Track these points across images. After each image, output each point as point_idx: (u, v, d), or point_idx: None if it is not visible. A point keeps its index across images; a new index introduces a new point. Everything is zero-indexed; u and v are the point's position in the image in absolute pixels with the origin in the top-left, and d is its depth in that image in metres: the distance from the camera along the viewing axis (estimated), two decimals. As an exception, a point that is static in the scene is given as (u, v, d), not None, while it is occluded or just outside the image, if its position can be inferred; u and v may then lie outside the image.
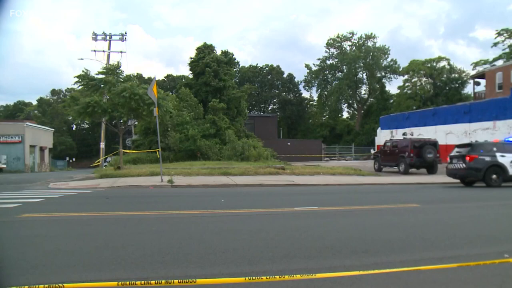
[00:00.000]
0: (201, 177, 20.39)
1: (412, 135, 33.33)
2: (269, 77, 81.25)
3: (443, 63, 70.55)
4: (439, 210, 10.78)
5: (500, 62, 58.76)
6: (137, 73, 70.97)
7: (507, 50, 62.90)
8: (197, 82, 43.06)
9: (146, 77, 70.32)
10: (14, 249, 6.04)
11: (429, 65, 69.64)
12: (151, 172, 21.12)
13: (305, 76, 79.47)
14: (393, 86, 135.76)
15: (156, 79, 24.77)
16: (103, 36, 38.10)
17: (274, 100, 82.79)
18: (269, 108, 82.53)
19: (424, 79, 70.74)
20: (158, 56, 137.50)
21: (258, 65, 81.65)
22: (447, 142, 33.32)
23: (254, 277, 4.33)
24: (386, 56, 75.14)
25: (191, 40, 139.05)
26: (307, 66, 78.87)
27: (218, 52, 45.84)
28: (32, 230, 7.68)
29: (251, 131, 45.15)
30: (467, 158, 17.72)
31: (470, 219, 9.34)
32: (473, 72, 63.21)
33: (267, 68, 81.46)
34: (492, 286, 4.59)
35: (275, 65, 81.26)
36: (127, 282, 4.02)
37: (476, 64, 67.46)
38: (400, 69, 73.26)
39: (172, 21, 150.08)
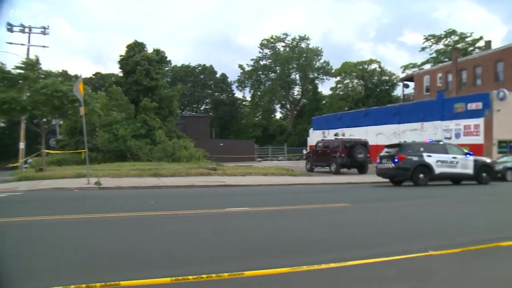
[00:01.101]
0: (130, 178, 19.84)
1: (343, 135, 34.40)
2: (201, 76, 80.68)
3: (374, 66, 73.69)
4: (369, 209, 11.20)
5: (427, 66, 62.46)
6: (62, 70, 67.66)
7: (434, 55, 66.99)
8: (127, 81, 41.83)
9: (73, 74, 67.30)
10: None
11: (360, 67, 72.38)
12: (77, 174, 20.21)
13: (238, 77, 79.84)
14: (325, 87, 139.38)
15: (83, 76, 23.76)
16: (21, 28, 35.91)
17: (207, 100, 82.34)
18: (202, 108, 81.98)
19: (356, 80, 73.41)
20: (85, 52, 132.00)
21: (190, 64, 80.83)
22: (377, 143, 34.75)
23: (180, 277, 4.27)
24: (319, 57, 77.23)
25: (121, 37, 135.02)
26: (240, 66, 79.30)
27: (150, 50, 44.85)
28: None
29: (183, 132, 44.59)
30: (396, 158, 18.56)
31: (398, 218, 9.75)
32: (402, 75, 66.73)
33: (199, 68, 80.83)
34: (417, 281, 4.77)
35: (208, 65, 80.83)
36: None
37: (405, 67, 71.21)
38: (333, 71, 75.46)
39: (100, 17, 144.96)
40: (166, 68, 57.99)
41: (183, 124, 49.61)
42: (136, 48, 43.39)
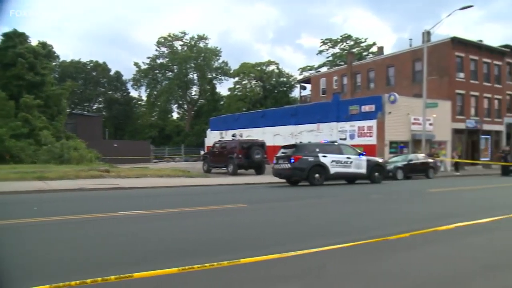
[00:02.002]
0: (10, 182, 18.24)
1: (241, 136, 34.82)
2: (94, 74, 76.98)
3: (272, 67, 75.78)
4: (266, 209, 11.43)
5: (324, 69, 65.61)
6: None
7: (331, 58, 70.60)
8: (5, 75, 38.41)
9: None
10: None
11: (259, 68, 73.99)
12: None
13: (133, 75, 77.35)
14: (224, 87, 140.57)
15: None
16: None
17: (100, 99, 78.83)
18: (94, 107, 78.26)
19: (254, 81, 74.91)
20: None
21: (81, 60, 76.75)
22: (274, 143, 35.56)
23: (61, 283, 4.01)
24: (218, 57, 77.72)
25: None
26: (136, 64, 76.95)
27: (34, 43, 41.71)
28: None
29: (74, 132, 42.11)
30: (292, 159, 19.09)
31: (294, 217, 10.07)
32: (300, 77, 69.36)
33: (91, 64, 77.03)
34: (310, 278, 4.93)
35: (101, 62, 77.39)
36: None
37: (303, 69, 74.13)
38: (231, 71, 76.35)
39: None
40: (54, 63, 54.55)
41: (73, 124, 46.96)
42: (16, 38, 40.04)
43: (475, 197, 15.55)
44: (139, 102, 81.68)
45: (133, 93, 79.92)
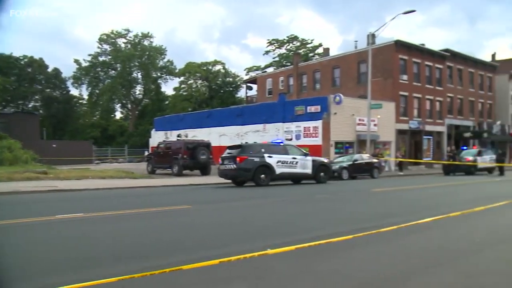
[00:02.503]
0: None
1: (186, 136, 34.53)
2: (29, 70, 73.42)
3: (218, 67, 75.65)
4: (210, 210, 11.35)
5: (270, 69, 66.12)
6: None
7: (277, 59, 71.27)
8: None
9: None
10: None
11: (205, 68, 73.64)
12: None
13: (74, 72, 74.38)
14: (169, 87, 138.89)
15: None
16: None
17: (36, 97, 75.36)
18: (30, 106, 74.65)
19: (200, 81, 74.51)
20: None
21: (13, 55, 72.78)
22: (220, 144, 35.47)
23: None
24: (163, 56, 76.57)
25: None
26: (76, 61, 74.15)
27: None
28: None
29: (7, 132, 40.13)
30: (238, 159, 19.11)
31: (239, 218, 10.04)
32: (246, 77, 69.60)
33: (26, 60, 73.42)
34: (255, 279, 4.92)
35: (37, 57, 73.91)
36: None
37: (249, 69, 74.44)
38: (176, 71, 75.51)
39: None
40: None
41: (6, 123, 44.72)
42: None
43: (417, 196, 16.12)
44: (80, 101, 78.87)
45: (74, 92, 77.14)
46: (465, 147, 35.90)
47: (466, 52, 56.57)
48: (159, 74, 77.14)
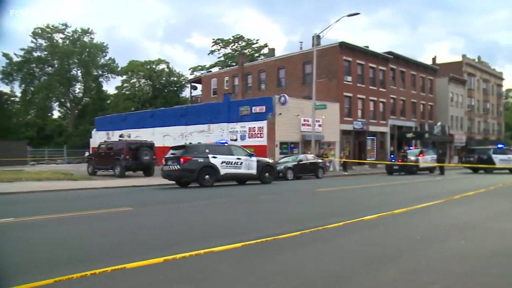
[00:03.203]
0: None
1: (129, 137, 33.85)
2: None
3: (162, 66, 74.59)
4: (153, 212, 11.14)
5: (216, 69, 65.89)
6: None
7: (222, 59, 71.12)
8: None
9: None
10: None
11: (148, 67, 72.42)
12: None
13: (3, 68, 69.83)
14: (111, 86, 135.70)
15: None
16: None
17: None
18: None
19: (143, 80, 73.20)
20: None
21: None
22: (164, 144, 35.03)
23: None
24: (104, 54, 74.35)
25: None
26: (6, 55, 69.10)
27: None
28: None
29: None
30: (182, 160, 18.93)
31: (182, 220, 9.91)
32: (191, 77, 69.07)
33: None
34: (198, 281, 4.87)
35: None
36: None
37: (194, 69, 73.90)
38: (119, 69, 73.74)
39: None
40: None
41: None
42: None
43: (361, 195, 16.54)
44: (12, 99, 74.75)
45: (4, 88, 72.95)
46: (411, 148, 37.35)
47: (408, 55, 59.05)
48: (100, 72, 74.94)
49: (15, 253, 6.24)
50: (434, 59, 61.37)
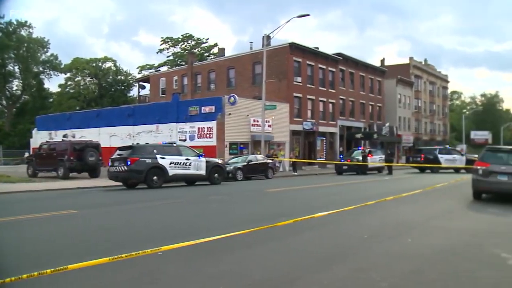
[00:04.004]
0: None
1: (73, 137, 32.91)
2: None
3: (109, 64, 72.83)
4: (98, 215, 10.88)
5: (164, 68, 64.99)
6: None
7: (171, 58, 70.24)
8: None
9: None
10: None
11: (94, 64, 70.49)
12: None
13: None
14: (53, 83, 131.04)
15: None
16: None
17: None
18: None
19: (89, 78, 71.29)
20: None
21: None
22: (111, 145, 34.34)
23: None
24: (45, 50, 71.53)
25: None
26: None
27: None
28: None
29: None
30: (129, 161, 18.58)
31: (130, 221, 9.75)
32: (139, 76, 67.91)
33: None
34: (145, 283, 4.83)
35: None
36: None
37: (142, 68, 72.64)
38: (62, 66, 71.26)
39: None
40: None
41: None
42: None
43: (311, 195, 16.83)
44: None
45: None
46: (359, 148, 38.27)
47: (358, 57, 60.53)
48: (41, 68, 72.04)
49: None
50: (382, 61, 63.25)
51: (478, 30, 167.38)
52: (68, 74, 70.43)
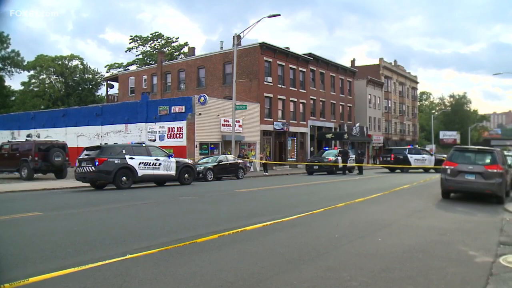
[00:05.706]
0: None
1: (38, 137, 32.22)
2: None
3: (76, 62, 71.55)
4: (65, 217, 10.66)
5: (133, 67, 64.22)
6: None
7: (140, 56, 69.43)
8: None
9: None
10: None
11: (60, 62, 69.15)
12: None
13: None
14: (16, 81, 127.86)
15: None
16: None
17: None
18: None
19: (55, 77, 69.84)
20: None
21: None
22: (78, 145, 33.86)
23: None
24: (6, 45, 69.62)
25: None
26: None
27: None
28: None
29: None
30: (97, 161, 18.33)
31: (98, 224, 9.57)
32: (107, 75, 66.91)
33: None
34: (114, 286, 4.77)
35: None
36: None
37: (110, 66, 71.65)
38: (25, 63, 69.61)
39: None
40: None
41: None
42: None
43: (282, 195, 16.91)
44: None
45: None
46: (326, 148, 38.54)
47: (328, 57, 61.13)
48: (1, 65, 70.17)
49: None
50: (353, 62, 64.11)
51: (446, 32, 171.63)
52: (32, 72, 68.88)
